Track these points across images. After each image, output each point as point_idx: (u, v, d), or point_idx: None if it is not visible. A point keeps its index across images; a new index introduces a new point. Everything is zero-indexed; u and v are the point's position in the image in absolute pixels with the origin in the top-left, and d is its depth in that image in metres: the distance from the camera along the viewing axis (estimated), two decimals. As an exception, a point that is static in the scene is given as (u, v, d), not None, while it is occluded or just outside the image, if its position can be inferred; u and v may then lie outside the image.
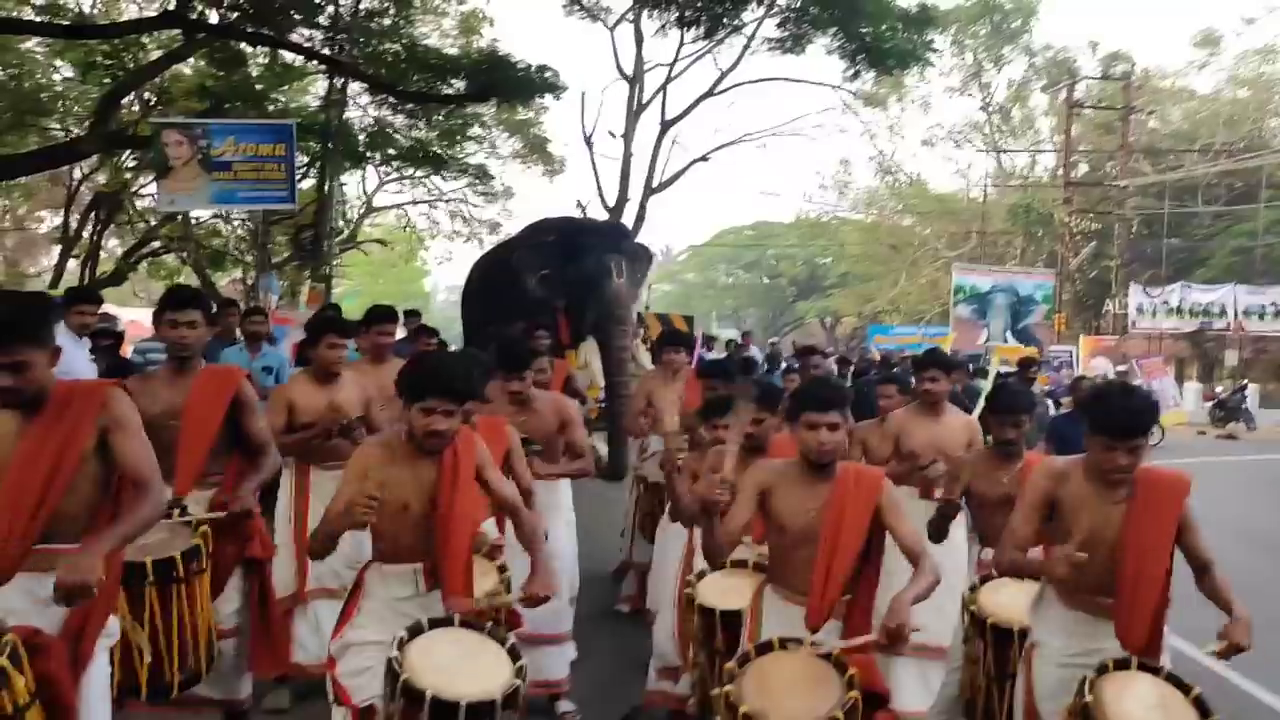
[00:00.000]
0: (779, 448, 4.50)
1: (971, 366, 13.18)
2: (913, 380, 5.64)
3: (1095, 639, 3.33)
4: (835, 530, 3.43)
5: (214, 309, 5.90)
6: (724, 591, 3.98)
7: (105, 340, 7.44)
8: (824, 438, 3.45)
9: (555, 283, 11.39)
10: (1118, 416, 3.26)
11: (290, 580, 4.87)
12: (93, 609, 2.91)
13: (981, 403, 5.83)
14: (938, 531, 4.56)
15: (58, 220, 28.08)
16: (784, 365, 14.15)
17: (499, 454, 4.44)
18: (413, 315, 9.95)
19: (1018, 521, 3.47)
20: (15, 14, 16.50)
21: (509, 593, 3.84)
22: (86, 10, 18.62)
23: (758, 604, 3.69)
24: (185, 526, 3.86)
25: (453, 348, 9.36)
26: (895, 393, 5.82)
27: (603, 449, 10.24)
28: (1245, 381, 26.29)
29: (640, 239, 15.10)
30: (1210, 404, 24.26)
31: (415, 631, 3.20)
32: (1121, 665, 3.18)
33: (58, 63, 20.02)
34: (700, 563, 4.23)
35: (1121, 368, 22.33)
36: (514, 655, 3.23)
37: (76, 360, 6.20)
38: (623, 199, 22.34)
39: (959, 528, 4.70)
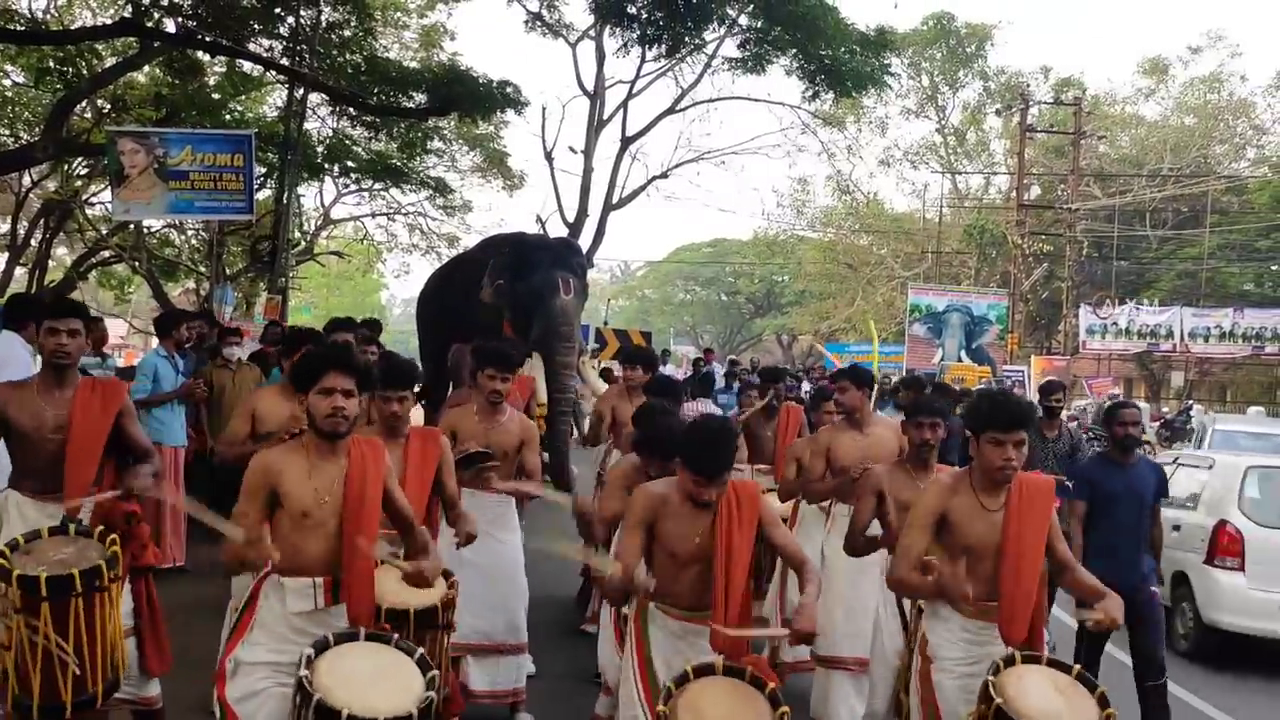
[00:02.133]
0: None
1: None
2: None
3: (987, 644, 3.54)
4: (726, 549, 3.51)
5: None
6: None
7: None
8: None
9: (505, 294, 11.37)
10: (1004, 410, 3.55)
11: (249, 584, 4.83)
12: None
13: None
14: (856, 549, 4.63)
15: (5, 227, 27.53)
16: (742, 382, 14.21)
17: (431, 463, 4.42)
18: (372, 325, 9.92)
19: (911, 538, 3.65)
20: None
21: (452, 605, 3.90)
22: (39, 15, 18.33)
23: (640, 622, 3.73)
24: (87, 537, 3.81)
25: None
26: (851, 386, 5.86)
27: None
28: (1191, 402, 26.82)
29: (599, 255, 15.10)
30: (1157, 424, 24.73)
31: (322, 647, 3.12)
32: (1008, 662, 3.38)
33: (8, 67, 19.68)
34: None
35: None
36: (423, 666, 3.20)
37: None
38: (582, 214, 22.34)
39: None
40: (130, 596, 4.15)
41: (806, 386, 17.50)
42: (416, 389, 5.01)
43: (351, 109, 18.55)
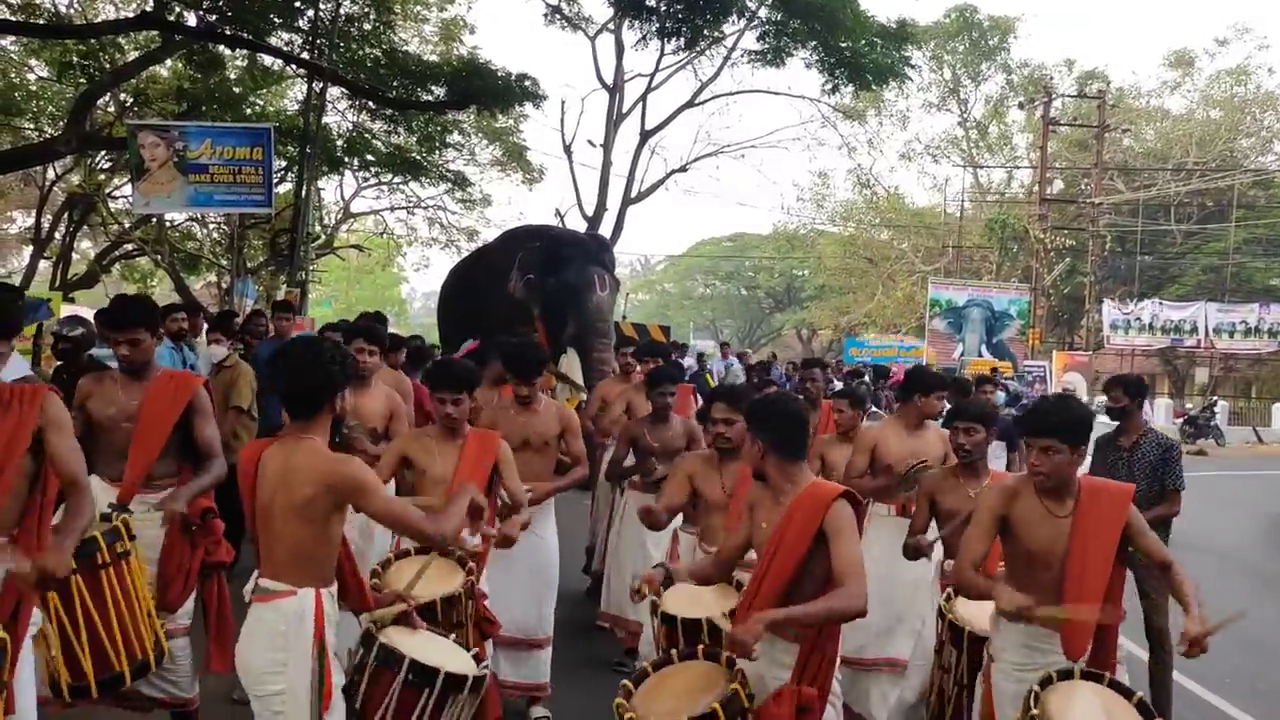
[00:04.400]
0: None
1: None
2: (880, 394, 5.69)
3: (1050, 653, 3.42)
4: (775, 544, 3.38)
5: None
6: (690, 601, 3.97)
7: (62, 344, 7.33)
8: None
9: (536, 289, 11.39)
10: (1030, 415, 3.53)
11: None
12: (26, 596, 3.07)
13: None
14: (914, 550, 4.59)
15: (29, 221, 27.80)
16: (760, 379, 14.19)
17: (487, 466, 4.45)
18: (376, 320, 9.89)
19: (971, 539, 3.57)
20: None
21: (469, 597, 3.96)
22: (63, 10, 18.42)
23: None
24: (106, 521, 3.81)
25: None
26: (847, 407, 5.80)
27: None
28: (1215, 398, 26.60)
29: (618, 249, 15.13)
30: (1180, 421, 24.52)
31: (382, 623, 3.42)
32: (1065, 675, 3.26)
33: (32, 62, 19.84)
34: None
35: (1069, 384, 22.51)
36: (476, 659, 3.53)
37: None
38: (601, 208, 22.35)
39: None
40: (197, 593, 4.19)
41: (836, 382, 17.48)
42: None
43: (371, 102, 18.62)
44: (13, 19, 15.76)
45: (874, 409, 9.26)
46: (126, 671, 3.71)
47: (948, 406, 5.40)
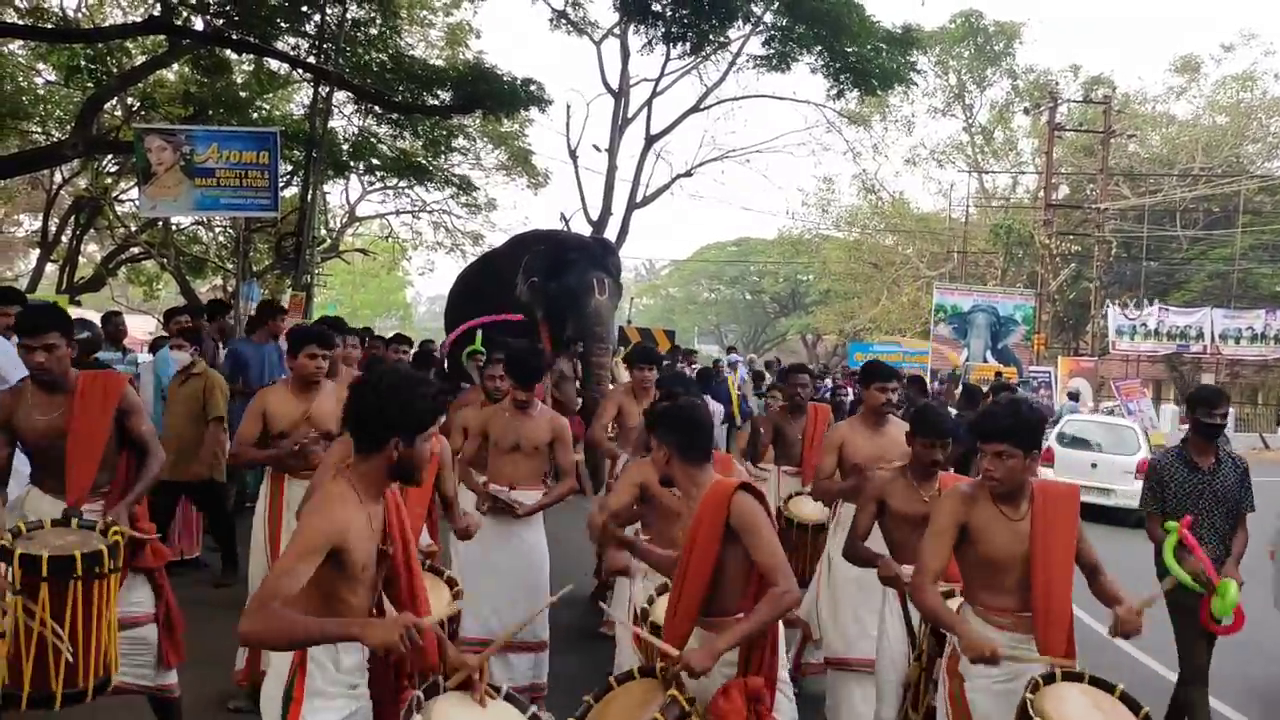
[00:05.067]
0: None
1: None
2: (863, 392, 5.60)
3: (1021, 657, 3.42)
4: (689, 547, 3.32)
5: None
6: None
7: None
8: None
9: (539, 292, 11.43)
10: (985, 421, 3.50)
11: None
12: None
13: None
14: (853, 552, 4.54)
15: (36, 224, 27.84)
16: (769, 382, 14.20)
17: (432, 466, 4.44)
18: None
19: (931, 549, 3.55)
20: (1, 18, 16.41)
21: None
22: (70, 14, 18.50)
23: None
24: (90, 530, 3.82)
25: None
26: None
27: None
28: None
29: (624, 253, 15.15)
30: (1186, 426, 24.41)
31: (432, 691, 2.87)
32: (1048, 679, 3.28)
33: (39, 66, 19.89)
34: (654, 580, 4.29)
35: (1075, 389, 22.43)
36: (521, 707, 3.02)
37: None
38: (606, 213, 22.37)
39: (874, 544, 4.65)
40: (147, 585, 4.17)
41: (828, 383, 17.45)
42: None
43: (377, 107, 18.64)
44: (21, 23, 15.81)
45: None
46: (89, 688, 3.70)
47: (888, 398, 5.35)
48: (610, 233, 21.72)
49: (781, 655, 3.37)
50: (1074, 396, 21.11)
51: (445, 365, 11.47)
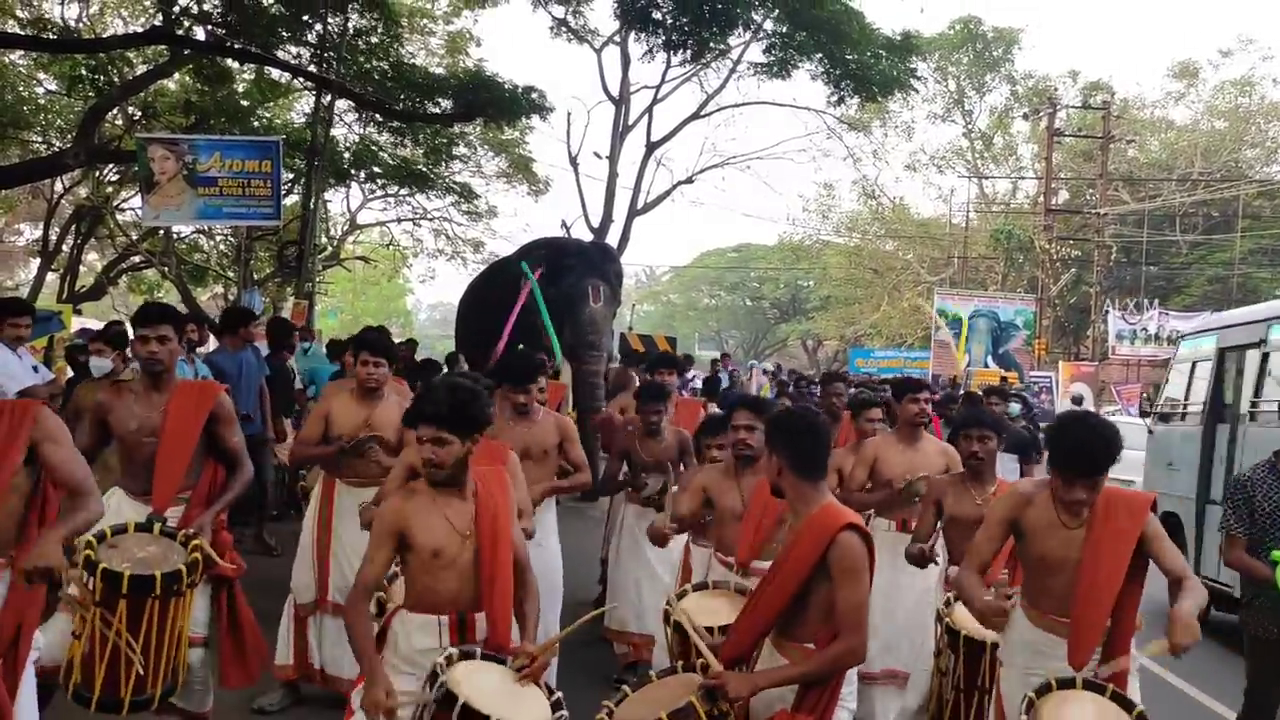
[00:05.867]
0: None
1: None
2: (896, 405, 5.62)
3: (1053, 657, 3.41)
4: (776, 567, 3.30)
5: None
6: (703, 612, 3.95)
7: (82, 356, 7.35)
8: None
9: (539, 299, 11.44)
10: (1079, 455, 3.32)
11: (311, 586, 4.98)
12: (26, 621, 3.08)
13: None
14: (917, 558, 4.60)
15: (37, 233, 27.89)
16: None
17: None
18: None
19: (980, 543, 3.58)
20: (1, 27, 16.48)
21: None
22: (71, 23, 18.54)
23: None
24: (171, 540, 3.87)
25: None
26: (881, 416, 5.78)
27: None
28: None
29: (624, 259, 15.18)
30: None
31: (467, 654, 3.11)
32: (1066, 684, 3.23)
33: (40, 75, 19.95)
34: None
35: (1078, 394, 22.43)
36: (556, 706, 3.14)
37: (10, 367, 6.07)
38: (607, 220, 22.39)
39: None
40: (206, 605, 4.15)
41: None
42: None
43: (378, 115, 18.69)
44: (23, 34, 15.87)
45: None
46: (157, 694, 3.77)
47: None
48: (611, 239, 21.74)
49: (850, 676, 3.26)
50: (1077, 401, 21.12)
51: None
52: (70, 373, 8.20)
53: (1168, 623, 3.17)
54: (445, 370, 9.23)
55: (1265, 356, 7.70)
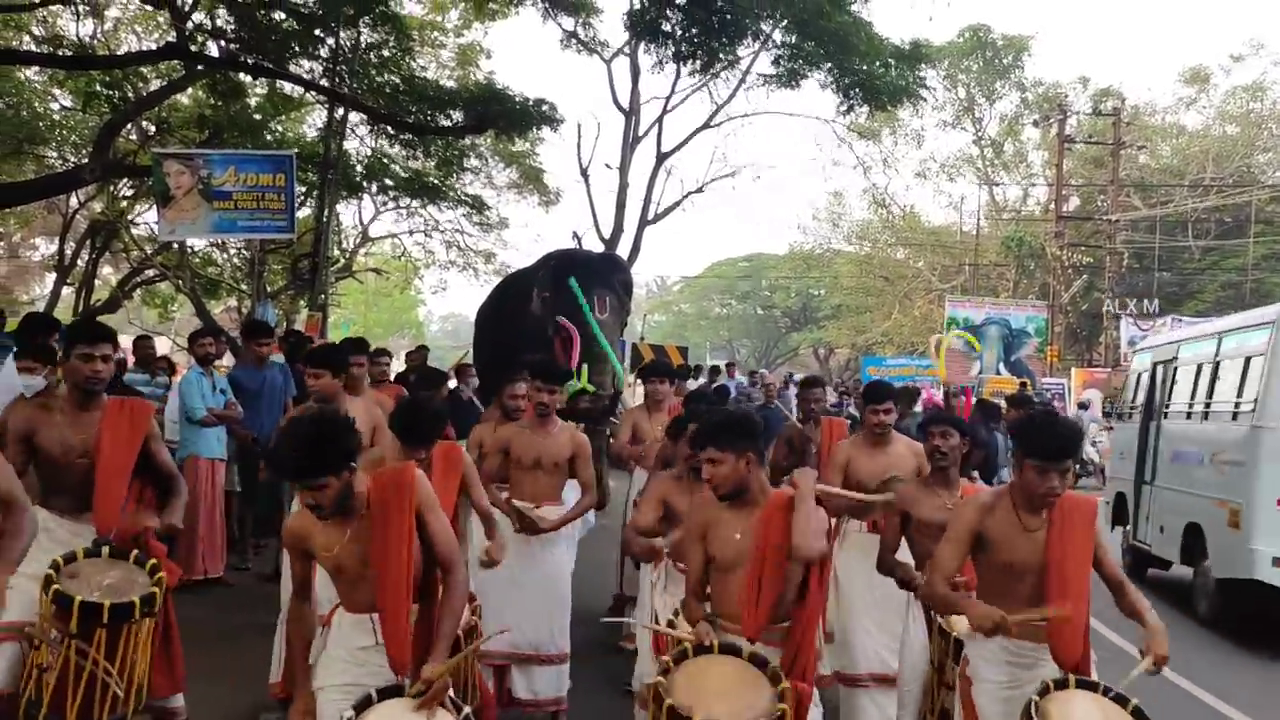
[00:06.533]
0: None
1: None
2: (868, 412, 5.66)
3: (1032, 667, 3.48)
4: (761, 556, 3.46)
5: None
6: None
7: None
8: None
9: (549, 310, 11.47)
10: (1051, 441, 3.45)
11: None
12: None
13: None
14: (884, 565, 4.62)
15: (52, 247, 28.08)
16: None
17: (454, 480, 4.53)
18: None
19: (945, 553, 3.62)
20: (16, 45, 16.65)
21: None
22: (86, 40, 18.71)
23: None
24: (124, 560, 3.88)
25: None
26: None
27: None
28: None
29: (635, 270, 15.21)
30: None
31: (363, 705, 3.07)
32: (1060, 685, 3.30)
33: (55, 91, 20.12)
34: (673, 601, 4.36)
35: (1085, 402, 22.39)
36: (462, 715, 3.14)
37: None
38: (618, 230, 22.46)
39: (902, 556, 4.72)
40: None
41: (833, 398, 17.48)
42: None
43: (390, 128, 18.79)
44: (40, 51, 16.03)
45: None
46: (129, 711, 3.84)
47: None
48: (623, 249, 21.79)
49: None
50: (1084, 406, 21.23)
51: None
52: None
53: (1148, 637, 3.37)
54: (453, 381, 9.29)
55: (1174, 370, 9.91)
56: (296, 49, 15.44)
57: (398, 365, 11.82)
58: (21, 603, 3.63)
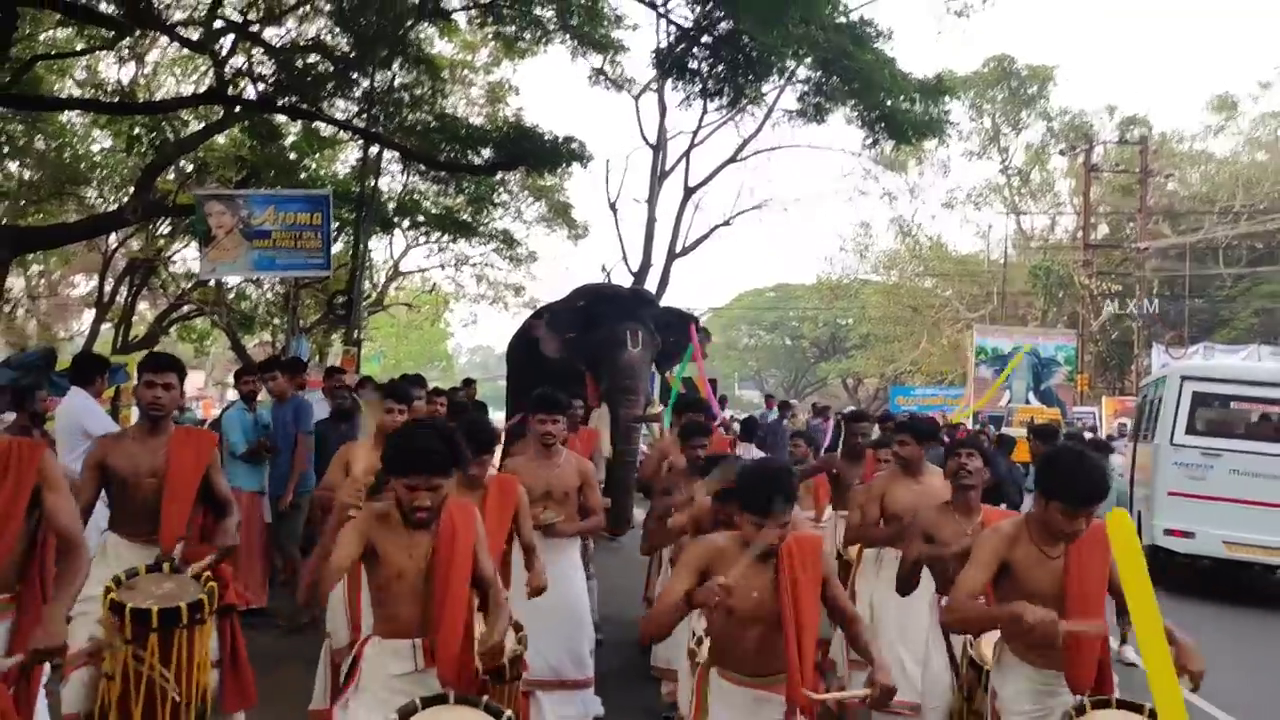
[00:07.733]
0: None
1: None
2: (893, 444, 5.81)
3: (1057, 694, 3.54)
4: (793, 605, 3.37)
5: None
6: None
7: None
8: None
9: (579, 347, 11.63)
10: (1080, 488, 3.43)
11: (345, 630, 5.10)
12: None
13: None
14: (905, 585, 4.72)
15: (92, 284, 28.66)
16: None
17: (509, 511, 4.69)
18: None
19: (970, 577, 3.61)
20: (60, 89, 17.15)
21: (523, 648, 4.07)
22: (125, 84, 19.23)
23: (701, 689, 3.63)
24: (181, 575, 4.11)
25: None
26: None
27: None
28: None
29: (663, 302, 15.36)
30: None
31: (408, 713, 3.08)
32: (1079, 710, 3.37)
33: (96, 133, 20.65)
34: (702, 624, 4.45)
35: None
36: None
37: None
38: (646, 263, 22.69)
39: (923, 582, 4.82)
40: (216, 634, 4.38)
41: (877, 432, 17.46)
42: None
43: (422, 165, 19.14)
44: (85, 96, 16.50)
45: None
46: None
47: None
48: (651, 283, 22.01)
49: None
50: (1108, 449, 21.04)
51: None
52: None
53: (1179, 654, 3.25)
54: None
55: (1148, 402, 12.93)
56: (331, 90, 15.82)
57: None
58: (90, 630, 3.93)
